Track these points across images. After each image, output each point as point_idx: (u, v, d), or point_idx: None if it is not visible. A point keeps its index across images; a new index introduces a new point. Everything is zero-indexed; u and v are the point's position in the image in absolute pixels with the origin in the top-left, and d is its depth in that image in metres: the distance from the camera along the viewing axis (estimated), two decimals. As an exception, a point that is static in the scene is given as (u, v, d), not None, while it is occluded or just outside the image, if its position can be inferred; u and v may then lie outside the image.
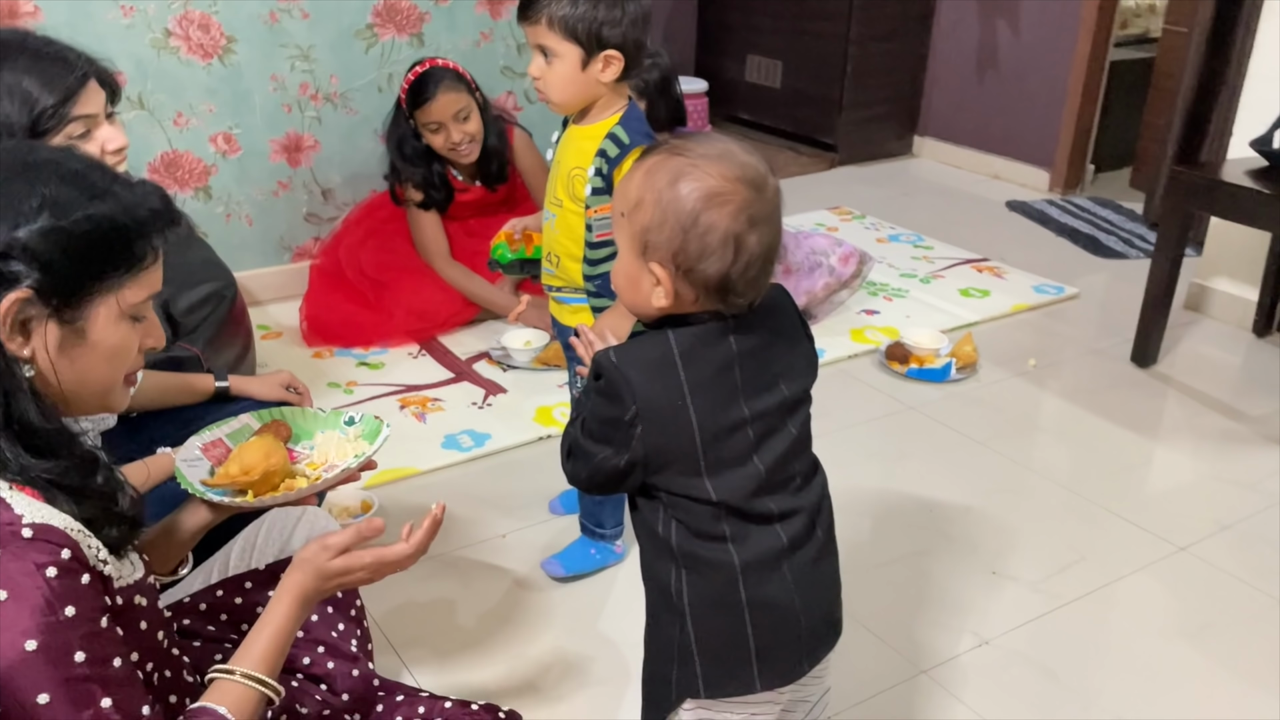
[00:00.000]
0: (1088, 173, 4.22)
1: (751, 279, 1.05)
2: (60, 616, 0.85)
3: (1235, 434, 2.44)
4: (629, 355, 1.07)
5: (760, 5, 4.67)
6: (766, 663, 1.13)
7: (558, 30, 1.56)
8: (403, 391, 2.48)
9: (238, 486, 1.24)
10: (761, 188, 1.04)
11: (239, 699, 1.03)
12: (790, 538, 1.12)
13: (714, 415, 1.07)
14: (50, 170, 0.95)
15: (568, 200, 1.65)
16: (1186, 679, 1.70)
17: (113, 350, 0.97)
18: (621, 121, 1.62)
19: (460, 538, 1.99)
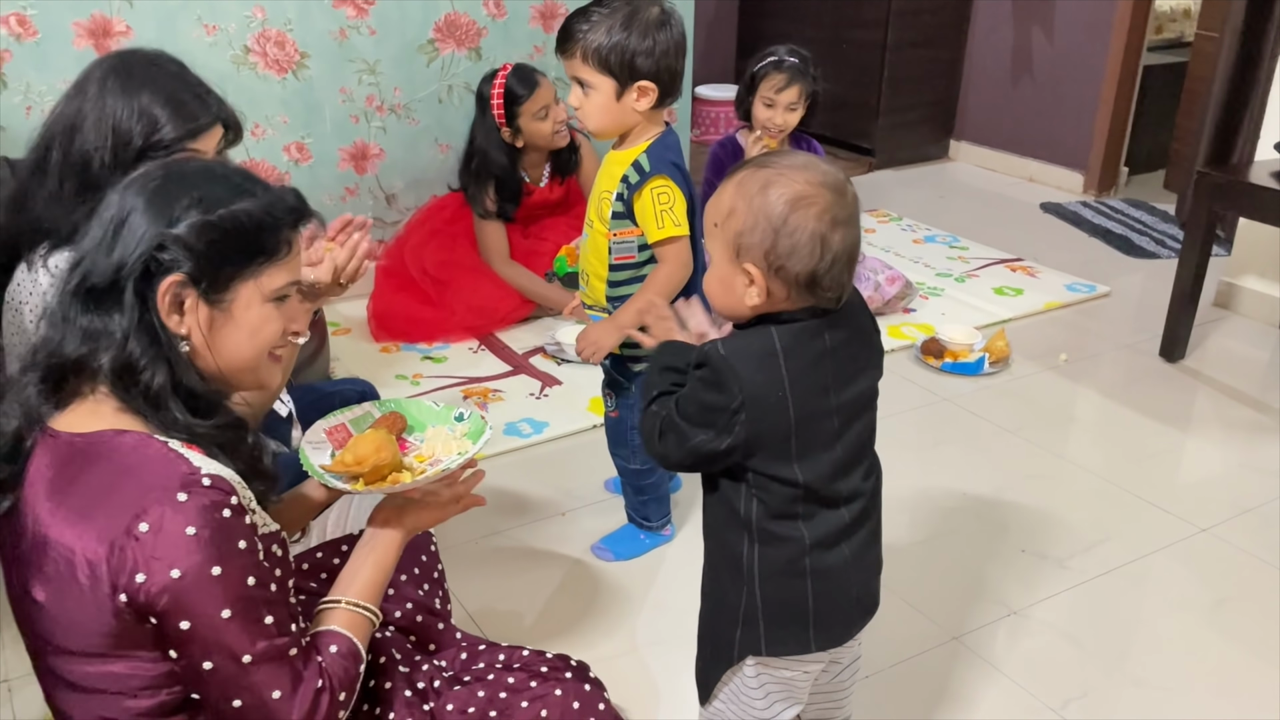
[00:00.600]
0: (1122, 175, 4.31)
1: (837, 276, 1.15)
2: (236, 548, 1.02)
3: (1259, 424, 2.54)
4: (736, 347, 1.17)
5: (798, 14, 4.80)
6: (821, 627, 1.27)
7: (592, 63, 1.64)
8: (465, 383, 2.65)
9: (350, 474, 1.35)
10: (842, 192, 1.16)
11: (350, 622, 1.20)
12: (852, 519, 1.25)
13: (808, 404, 1.19)
14: (201, 175, 1.12)
15: (597, 221, 1.77)
16: (1202, 648, 1.82)
17: (255, 327, 1.13)
18: (648, 150, 1.71)
19: (523, 516, 2.15)
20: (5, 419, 1.11)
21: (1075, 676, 1.74)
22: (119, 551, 1.00)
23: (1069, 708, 1.67)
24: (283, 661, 1.07)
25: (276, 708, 1.06)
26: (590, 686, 1.42)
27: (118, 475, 1.04)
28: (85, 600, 1.02)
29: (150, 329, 1.09)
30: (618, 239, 1.75)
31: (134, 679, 1.06)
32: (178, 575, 1.00)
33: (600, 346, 1.78)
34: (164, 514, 1.00)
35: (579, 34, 1.65)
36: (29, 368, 1.12)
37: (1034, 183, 4.43)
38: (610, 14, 1.65)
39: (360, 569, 1.26)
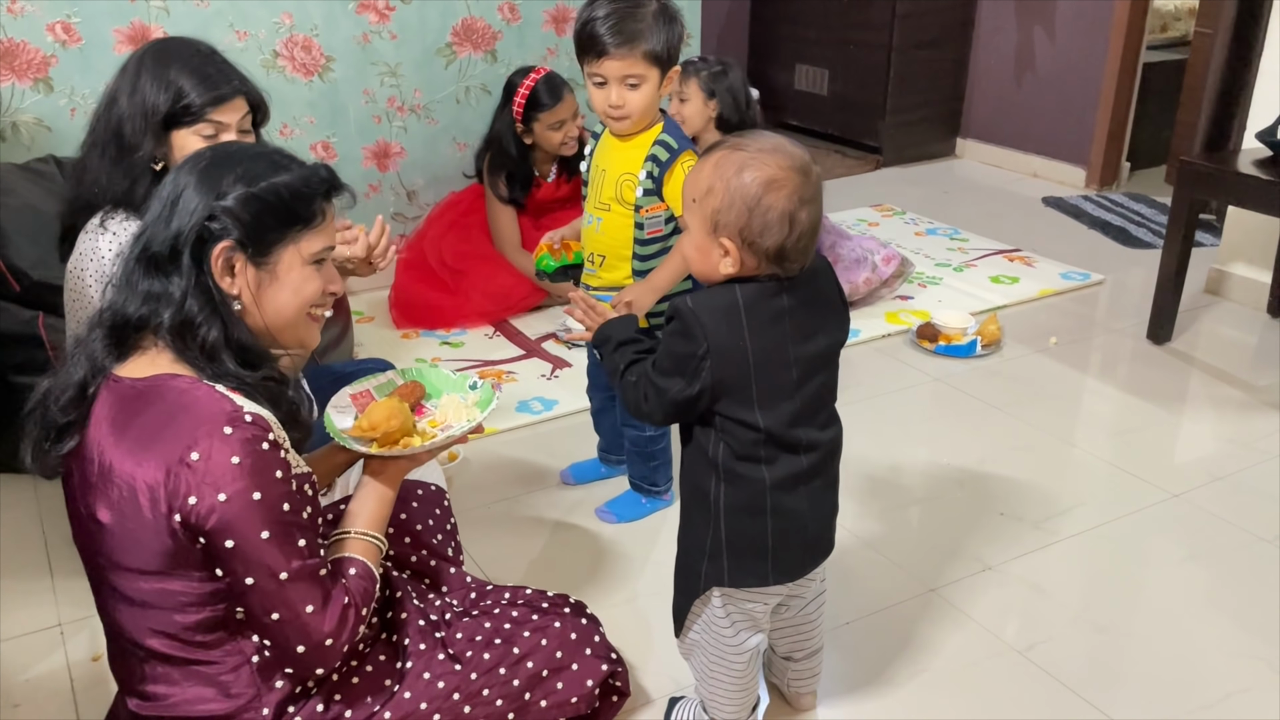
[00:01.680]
0: (1123, 170, 4.41)
1: (803, 248, 1.31)
2: (273, 477, 1.18)
3: (1239, 401, 2.65)
4: (702, 302, 1.34)
5: (807, 17, 4.94)
6: (778, 562, 1.42)
7: (647, 58, 1.77)
8: (481, 366, 2.81)
9: (366, 438, 1.48)
10: (808, 173, 1.31)
11: (363, 549, 1.35)
12: (810, 465, 1.40)
13: (767, 355, 1.34)
14: (244, 154, 1.29)
15: (616, 204, 1.90)
16: (1164, 600, 1.93)
17: (297, 286, 1.29)
18: (666, 130, 1.86)
19: (533, 484, 2.30)
20: (73, 369, 1.27)
21: (1041, 623, 1.86)
22: (174, 477, 1.16)
23: (1033, 651, 1.79)
24: (314, 580, 1.22)
25: (309, 620, 1.21)
26: (587, 621, 1.57)
27: (172, 412, 1.20)
28: (145, 521, 1.18)
29: (205, 290, 1.25)
30: (649, 215, 1.88)
31: (184, 595, 1.22)
32: (224, 499, 1.15)
33: (641, 306, 1.87)
34: (212, 444, 1.16)
35: (635, 32, 1.74)
36: (95, 325, 1.29)
37: (1037, 178, 4.54)
38: (642, 6, 1.78)
39: (365, 503, 1.41)
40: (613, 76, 1.79)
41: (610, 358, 1.51)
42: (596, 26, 1.77)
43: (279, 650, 1.24)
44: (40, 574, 1.98)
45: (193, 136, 1.68)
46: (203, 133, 1.68)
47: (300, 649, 1.21)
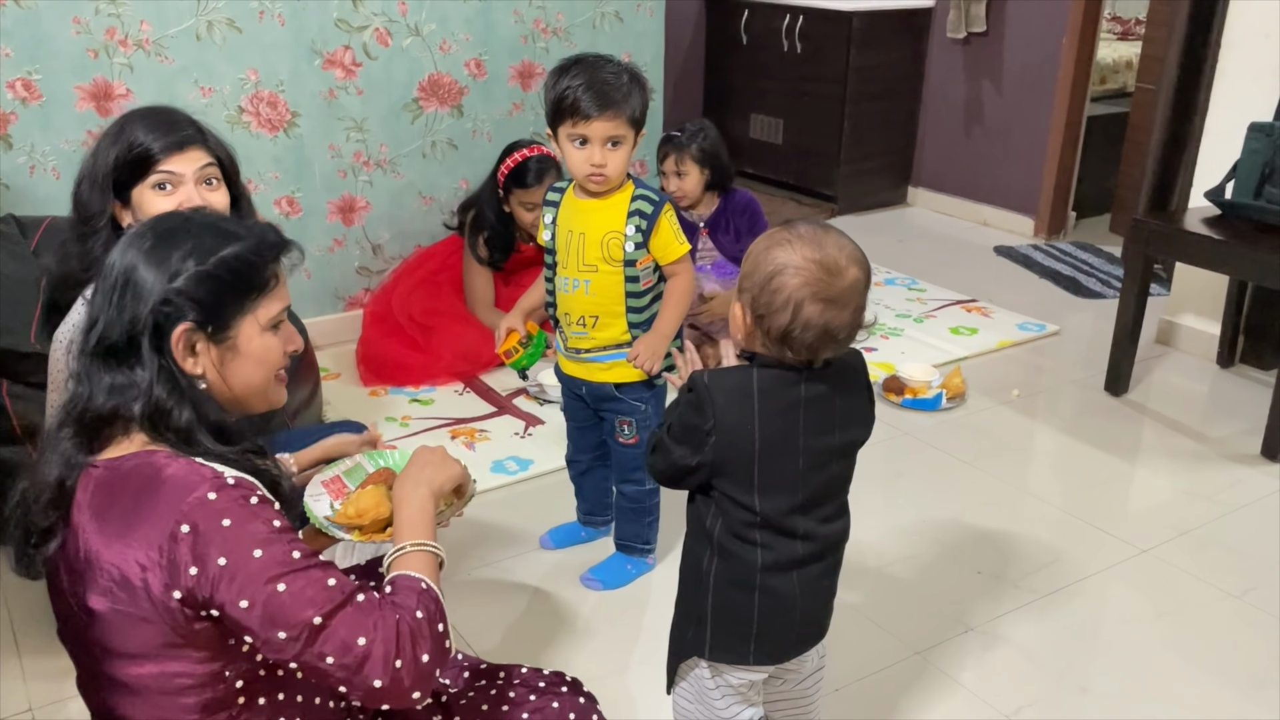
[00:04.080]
0: (1070, 219, 4.55)
1: (808, 343, 1.29)
2: (271, 527, 1.13)
3: (1197, 453, 2.73)
4: (718, 380, 1.34)
5: (762, 68, 5.03)
6: (762, 642, 1.41)
7: (629, 120, 1.86)
8: (453, 424, 2.78)
9: (351, 525, 1.46)
10: (835, 274, 1.28)
11: (420, 563, 1.26)
12: (806, 554, 1.40)
13: (773, 442, 1.34)
14: (187, 226, 1.25)
15: (604, 264, 1.93)
16: (1143, 658, 1.98)
17: (261, 356, 1.27)
18: (640, 186, 1.94)
19: (513, 548, 2.28)
20: (49, 468, 1.23)
21: (1027, 686, 1.89)
22: (166, 555, 1.11)
23: (1021, 714, 1.82)
24: (355, 610, 1.13)
25: (364, 652, 1.12)
26: (584, 700, 1.55)
27: (153, 489, 1.15)
28: (140, 604, 1.13)
29: (170, 375, 1.21)
30: (642, 267, 1.94)
31: (184, 677, 1.17)
32: (224, 563, 1.10)
33: (658, 354, 1.94)
34: (199, 513, 1.11)
35: (621, 95, 1.83)
36: (64, 422, 1.25)
37: (988, 227, 4.66)
38: (621, 70, 1.87)
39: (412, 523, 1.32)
40: (597, 137, 1.84)
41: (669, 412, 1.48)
42: (583, 90, 1.82)
43: (359, 693, 1.17)
44: (6, 655, 1.91)
45: (150, 191, 1.63)
46: (159, 183, 1.63)
47: (377, 683, 1.13)
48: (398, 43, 3.13)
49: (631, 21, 3.54)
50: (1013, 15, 4.41)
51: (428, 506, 1.35)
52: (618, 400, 2.04)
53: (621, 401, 2.04)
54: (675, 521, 2.32)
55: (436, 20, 3.17)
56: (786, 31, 4.83)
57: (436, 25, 3.17)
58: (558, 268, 1.99)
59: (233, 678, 1.19)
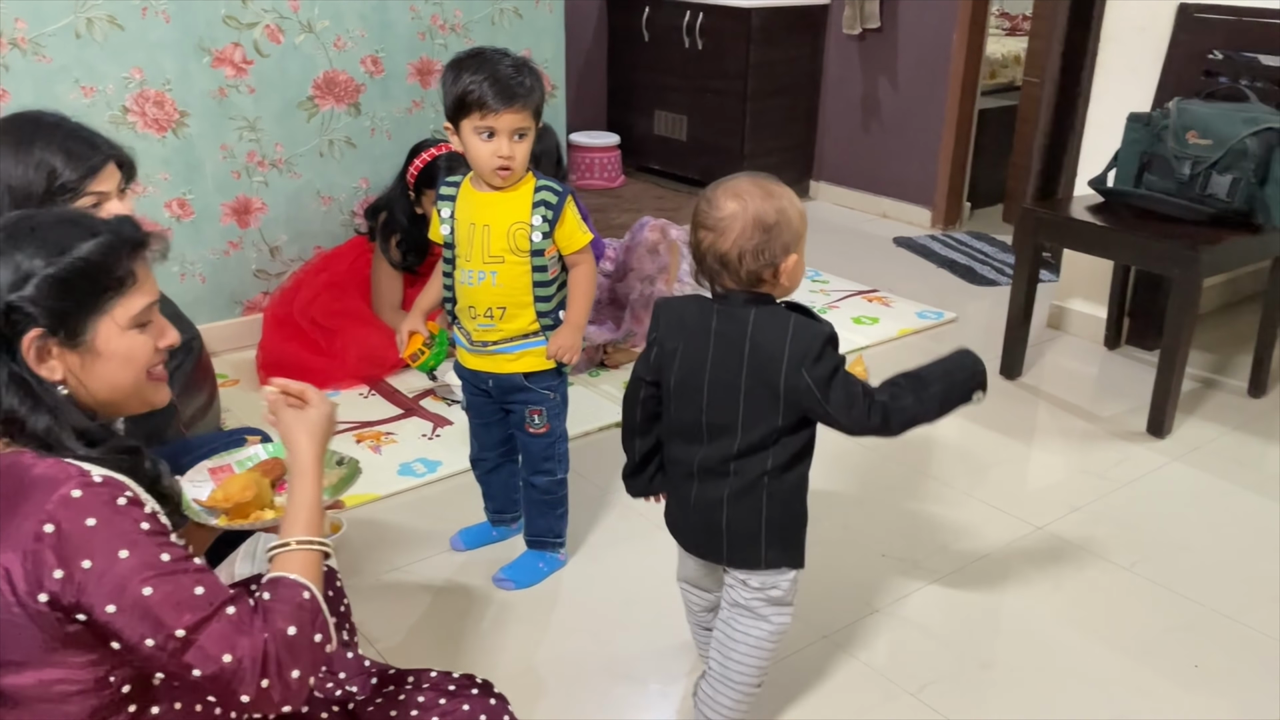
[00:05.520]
0: (965, 209, 4.68)
1: (702, 263, 1.53)
2: (138, 529, 1.09)
3: (1088, 432, 2.84)
4: (665, 303, 1.63)
5: (664, 65, 5.06)
6: (675, 528, 1.69)
7: (534, 112, 1.87)
8: (358, 428, 2.73)
9: (219, 509, 1.44)
10: (713, 205, 1.49)
11: (303, 564, 1.22)
12: (701, 468, 1.59)
13: (688, 363, 1.58)
14: (32, 226, 1.18)
15: (510, 255, 1.92)
16: (1039, 631, 2.05)
17: (125, 356, 1.20)
18: (540, 177, 1.95)
19: (422, 550, 2.25)
20: None
21: (931, 664, 1.94)
22: (32, 557, 1.06)
23: (925, 692, 1.87)
24: (223, 624, 1.10)
25: (230, 669, 1.09)
26: (495, 700, 1.54)
27: (19, 490, 1.11)
28: (10, 611, 1.09)
29: (23, 382, 1.16)
30: (550, 257, 1.95)
31: (65, 684, 1.11)
32: (89, 565, 1.06)
33: (576, 346, 2.00)
34: (63, 512, 1.07)
35: (524, 88, 1.84)
36: None
37: (887, 219, 4.77)
38: (523, 63, 1.88)
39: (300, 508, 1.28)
40: (505, 130, 1.84)
41: None
42: (489, 83, 1.82)
43: (227, 706, 1.15)
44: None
45: None
46: (85, 206, 1.60)
47: (245, 698, 1.11)
48: (290, 40, 3.06)
49: (531, 18, 3.52)
50: (905, 12, 4.52)
51: (315, 487, 1.30)
52: (527, 390, 2.03)
53: (531, 391, 2.03)
54: (584, 516, 2.33)
55: (330, 17, 3.10)
56: (687, 28, 4.87)
57: (330, 22, 3.11)
58: (458, 261, 1.98)
59: (118, 683, 1.14)
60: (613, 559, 2.25)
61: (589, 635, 2.01)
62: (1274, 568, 2.24)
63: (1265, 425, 2.88)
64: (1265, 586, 2.17)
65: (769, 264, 1.48)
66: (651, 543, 2.29)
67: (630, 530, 2.35)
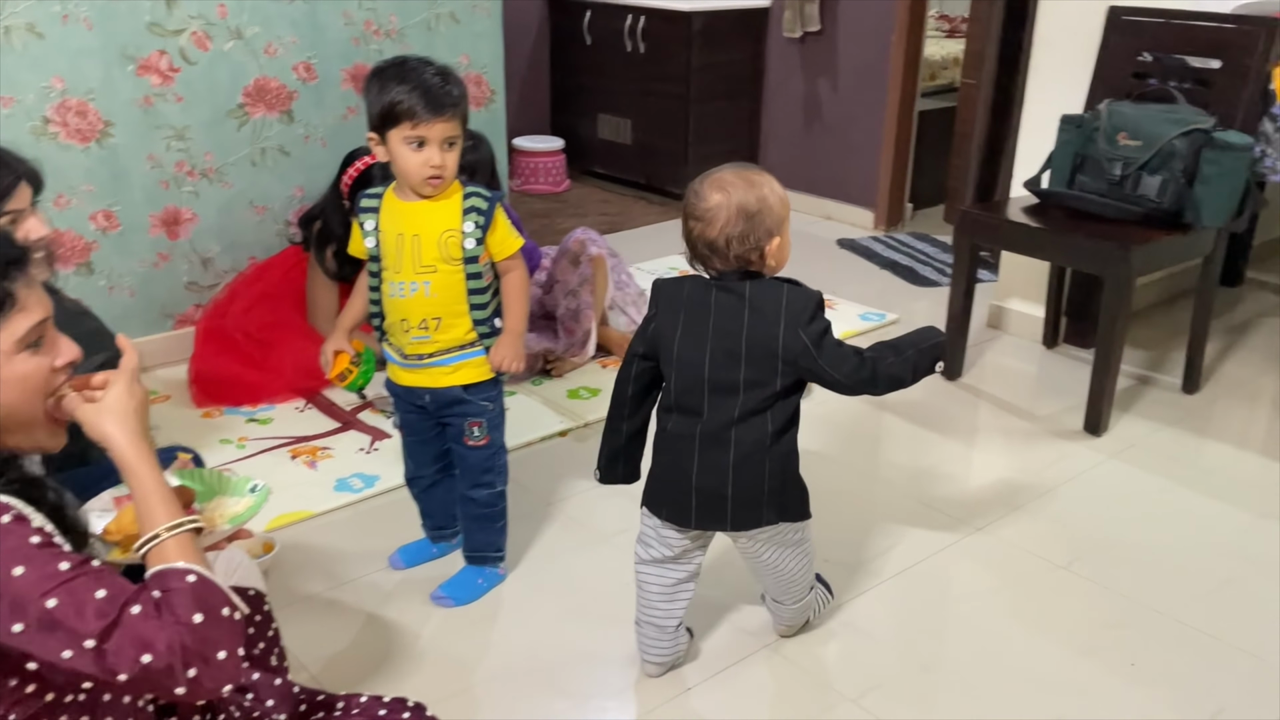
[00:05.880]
0: (907, 211, 4.72)
1: (693, 248, 1.67)
2: (27, 544, 1.04)
3: (1027, 431, 2.87)
4: (661, 283, 1.75)
5: (607, 69, 5.05)
6: (661, 500, 1.77)
7: (463, 119, 1.85)
8: (293, 443, 2.68)
9: (110, 541, 1.40)
10: (700, 198, 1.64)
11: (179, 549, 1.15)
12: (703, 433, 1.69)
13: (688, 335, 1.72)
14: None
15: (443, 264, 1.89)
16: (980, 633, 2.06)
17: (17, 381, 1.14)
18: (467, 184, 1.92)
19: (360, 568, 2.20)
20: None
21: (872, 669, 1.94)
22: None
23: (865, 699, 1.86)
24: (132, 624, 1.05)
25: (155, 666, 1.05)
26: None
27: None
28: None
29: None
30: (483, 264, 1.93)
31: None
32: None
33: (520, 354, 1.98)
34: None
35: (452, 97, 1.82)
36: None
37: (831, 220, 4.79)
38: (448, 71, 1.86)
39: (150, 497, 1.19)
40: (436, 139, 1.81)
41: None
42: (418, 93, 1.79)
43: (167, 698, 1.12)
44: None
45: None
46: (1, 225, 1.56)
47: (180, 690, 1.06)
48: (218, 46, 2.99)
49: (468, 23, 3.48)
50: (844, 15, 4.55)
51: (155, 474, 1.20)
52: (466, 402, 2.00)
53: (470, 403, 2.00)
54: (525, 528, 2.29)
55: (259, 23, 3.04)
56: (629, 32, 4.85)
57: (260, 28, 3.05)
58: (386, 274, 1.94)
59: (39, 691, 1.09)
60: (554, 572, 2.22)
61: (528, 651, 1.98)
62: (1206, 563, 2.27)
63: (1199, 421, 2.93)
64: (1198, 582, 2.21)
65: (754, 248, 1.64)
66: (593, 554, 2.27)
67: (572, 542, 2.32)
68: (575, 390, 3.03)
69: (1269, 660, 1.97)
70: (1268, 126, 2.78)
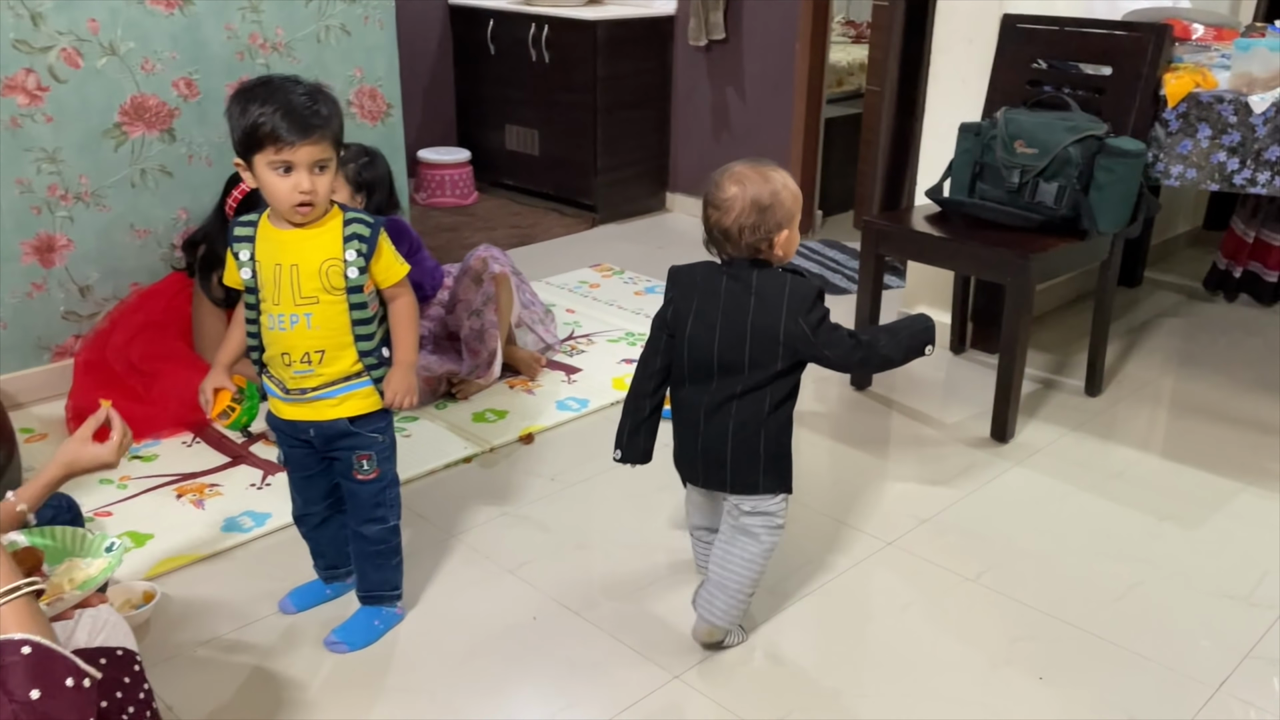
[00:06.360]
0: (817, 218, 4.73)
1: (710, 235, 1.86)
2: None
3: (936, 440, 2.86)
4: (677, 270, 1.93)
5: (513, 79, 4.96)
6: (680, 462, 2.00)
7: (334, 141, 1.75)
8: (179, 481, 2.54)
9: None
10: (719, 188, 1.83)
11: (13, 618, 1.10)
12: (711, 404, 1.88)
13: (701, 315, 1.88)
14: None
15: (324, 294, 1.80)
16: (893, 651, 2.03)
17: None
18: (348, 210, 1.83)
19: (247, 615, 2.09)
20: None
21: (784, 695, 1.90)
22: None
23: (777, 727, 1.82)
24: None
25: None
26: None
27: None
28: None
29: None
30: (368, 293, 1.84)
31: None
32: None
33: (411, 387, 1.90)
34: None
35: (320, 117, 1.73)
36: None
37: (742, 229, 4.77)
38: (317, 90, 1.76)
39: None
40: (303, 163, 1.72)
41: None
42: (282, 114, 1.69)
43: None
44: None
45: None
46: None
47: None
48: (90, 64, 2.84)
49: (360, 35, 3.36)
50: (749, 22, 4.54)
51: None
52: (354, 435, 1.90)
53: (358, 435, 1.91)
54: (424, 563, 2.18)
55: (135, 38, 2.89)
56: (533, 41, 4.78)
57: (135, 43, 2.90)
58: (265, 306, 1.84)
59: None
60: (455, 608, 2.13)
61: (428, 696, 1.89)
62: (1112, 569, 2.29)
63: (1101, 425, 2.96)
64: (1104, 589, 2.21)
65: (765, 238, 1.81)
66: (497, 588, 2.19)
67: (475, 575, 2.24)
68: (481, 413, 2.94)
69: (1175, 666, 1.97)
70: (1159, 131, 2.83)
